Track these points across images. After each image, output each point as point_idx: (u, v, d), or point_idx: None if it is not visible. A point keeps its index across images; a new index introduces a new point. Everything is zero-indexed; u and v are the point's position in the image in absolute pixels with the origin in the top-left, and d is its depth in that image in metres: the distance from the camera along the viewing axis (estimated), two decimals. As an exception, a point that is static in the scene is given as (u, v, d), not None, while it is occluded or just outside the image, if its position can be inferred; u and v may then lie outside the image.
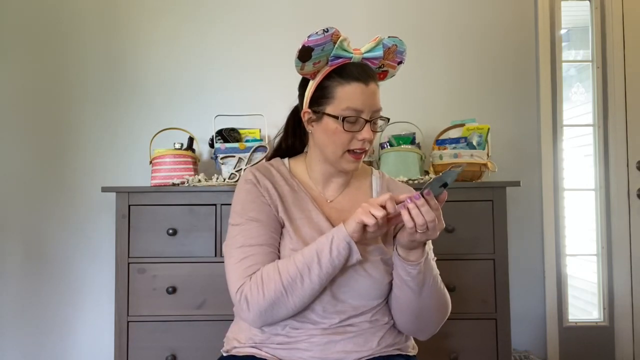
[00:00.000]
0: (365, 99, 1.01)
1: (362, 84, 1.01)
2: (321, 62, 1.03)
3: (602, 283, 2.29)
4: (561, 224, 2.27)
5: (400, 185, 1.20)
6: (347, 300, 1.02)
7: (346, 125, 1.00)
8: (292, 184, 1.10)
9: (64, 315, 2.17)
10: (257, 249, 1.00)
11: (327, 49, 1.01)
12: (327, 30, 1.00)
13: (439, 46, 2.28)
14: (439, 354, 1.78)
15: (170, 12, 2.24)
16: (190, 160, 1.92)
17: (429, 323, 1.07)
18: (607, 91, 2.30)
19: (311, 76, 1.06)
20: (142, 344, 1.75)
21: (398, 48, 1.08)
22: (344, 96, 1.01)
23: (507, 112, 2.27)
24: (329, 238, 0.94)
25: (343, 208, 1.11)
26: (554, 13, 2.30)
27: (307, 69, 1.04)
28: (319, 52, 1.00)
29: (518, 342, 2.21)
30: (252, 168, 1.12)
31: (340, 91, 1.01)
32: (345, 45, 1.02)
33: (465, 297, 1.78)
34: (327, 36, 1.00)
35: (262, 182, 1.08)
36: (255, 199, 1.05)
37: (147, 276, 1.76)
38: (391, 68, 1.11)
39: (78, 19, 2.23)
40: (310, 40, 0.99)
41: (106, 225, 2.15)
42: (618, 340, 2.26)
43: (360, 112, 1.00)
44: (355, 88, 1.01)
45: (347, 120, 1.00)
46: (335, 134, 1.02)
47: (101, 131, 2.21)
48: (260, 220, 1.03)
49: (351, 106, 1.00)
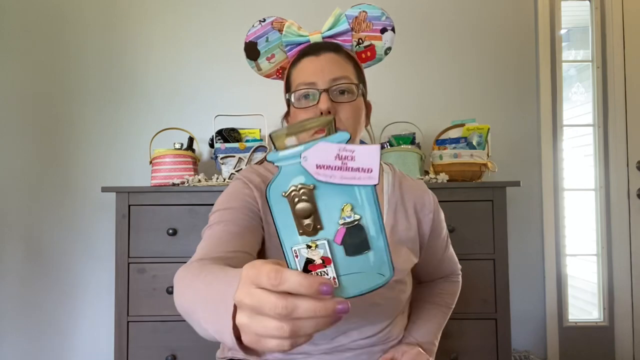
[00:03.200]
0: (315, 69, 0.90)
1: (312, 56, 0.92)
2: (277, 56, 0.97)
3: (602, 283, 2.29)
4: (561, 224, 2.27)
5: (415, 183, 1.05)
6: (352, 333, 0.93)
7: (298, 103, 0.90)
8: None
9: (64, 315, 2.17)
10: (219, 227, 0.86)
11: (273, 39, 0.96)
12: (264, 19, 0.96)
13: (439, 46, 2.28)
14: (439, 354, 1.77)
15: (170, 12, 2.25)
16: (190, 160, 1.92)
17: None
18: (607, 91, 2.30)
19: (278, 76, 1.01)
20: (142, 344, 1.75)
21: (369, 14, 0.97)
22: (296, 75, 0.93)
23: (507, 112, 2.27)
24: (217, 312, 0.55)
25: None
26: (554, 13, 2.30)
27: (264, 68, 0.98)
28: (264, 44, 0.95)
29: (518, 342, 2.21)
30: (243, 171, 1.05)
31: (294, 72, 0.94)
32: (294, 29, 0.95)
33: (465, 297, 1.77)
34: (266, 25, 0.96)
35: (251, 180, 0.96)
36: (238, 192, 0.94)
37: (147, 276, 1.76)
38: (376, 40, 0.98)
39: (78, 19, 2.23)
40: (249, 35, 0.95)
41: (106, 225, 2.16)
42: (618, 340, 2.26)
43: (313, 83, 0.89)
44: (305, 62, 0.92)
45: (296, 97, 0.91)
46: (295, 116, 0.92)
47: (101, 131, 2.21)
48: (233, 207, 0.90)
49: (301, 81, 0.90)
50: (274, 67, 0.98)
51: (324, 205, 0.44)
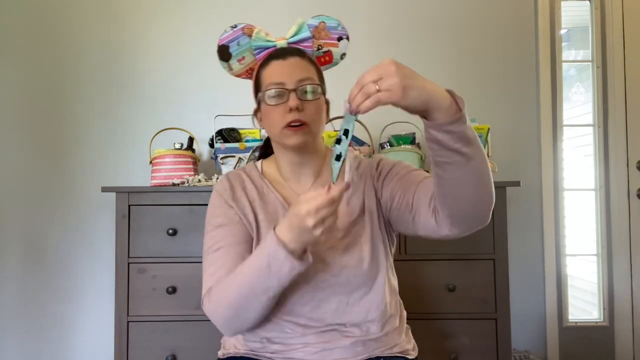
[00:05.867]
0: (284, 71, 1.00)
1: (280, 59, 1.02)
2: (247, 58, 1.09)
3: (602, 283, 2.29)
4: (561, 224, 2.27)
5: (370, 161, 1.13)
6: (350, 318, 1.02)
7: (270, 100, 1.00)
8: (262, 187, 1.09)
9: (64, 315, 2.17)
10: (221, 253, 0.99)
11: (244, 43, 1.07)
12: (236, 25, 1.07)
13: (438, 46, 2.28)
14: (439, 354, 1.78)
15: (170, 12, 2.24)
16: (190, 160, 1.92)
17: (488, 189, 0.88)
18: (607, 91, 2.30)
19: (248, 75, 1.12)
20: (142, 344, 1.75)
21: (327, 24, 1.10)
22: (266, 76, 1.02)
23: (507, 112, 2.27)
24: (263, 257, 0.88)
25: None
26: (554, 13, 2.30)
27: (235, 68, 1.10)
28: (235, 47, 1.07)
29: (518, 342, 2.21)
30: (224, 177, 1.13)
31: (264, 73, 1.03)
32: (262, 35, 1.07)
33: (465, 297, 1.78)
34: (237, 31, 1.07)
35: (230, 190, 1.07)
36: (222, 205, 1.05)
37: (147, 276, 1.76)
38: (333, 47, 1.12)
39: (78, 19, 2.23)
40: (222, 39, 1.07)
41: (106, 225, 2.15)
42: (618, 340, 2.26)
43: (282, 83, 0.99)
44: (274, 64, 1.02)
45: (268, 95, 1.00)
46: (268, 113, 1.02)
47: (101, 131, 2.21)
48: (224, 225, 1.02)
49: (271, 81, 1.00)
50: (244, 68, 1.10)
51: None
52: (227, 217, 1.03)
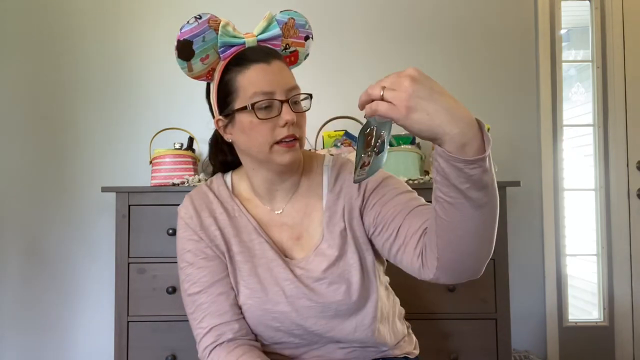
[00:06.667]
0: (271, 78, 0.87)
1: (263, 63, 0.88)
2: (210, 57, 0.92)
3: (602, 283, 2.29)
4: (561, 224, 2.27)
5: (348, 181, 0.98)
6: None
7: (260, 113, 0.86)
8: (232, 209, 0.97)
9: (64, 315, 2.17)
10: (202, 297, 0.92)
11: (209, 39, 0.91)
12: (200, 16, 0.91)
13: (438, 46, 2.28)
14: (439, 354, 1.78)
15: (170, 11, 2.24)
16: (190, 160, 1.92)
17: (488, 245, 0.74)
18: (607, 91, 2.30)
19: (207, 77, 0.95)
20: (142, 344, 1.75)
21: (297, 21, 0.96)
22: (247, 83, 0.87)
23: (507, 112, 2.27)
24: None
25: (294, 221, 0.96)
26: (554, 13, 2.30)
27: (196, 69, 0.93)
28: (200, 44, 0.90)
29: (518, 342, 2.21)
30: (188, 199, 0.99)
31: (242, 79, 0.88)
32: (230, 30, 0.92)
33: (465, 297, 1.78)
34: (203, 23, 0.91)
35: (197, 217, 0.96)
36: (190, 237, 0.95)
37: (147, 276, 1.76)
38: (299, 46, 0.99)
39: (78, 19, 2.23)
40: (185, 32, 0.90)
41: (106, 225, 2.15)
42: (618, 340, 2.26)
43: (272, 93, 0.86)
44: (257, 70, 0.87)
45: (258, 107, 0.86)
46: (253, 128, 0.87)
47: (101, 131, 2.21)
48: (197, 263, 0.93)
49: (258, 90, 0.86)
50: (206, 68, 0.93)
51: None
52: (199, 251, 0.94)
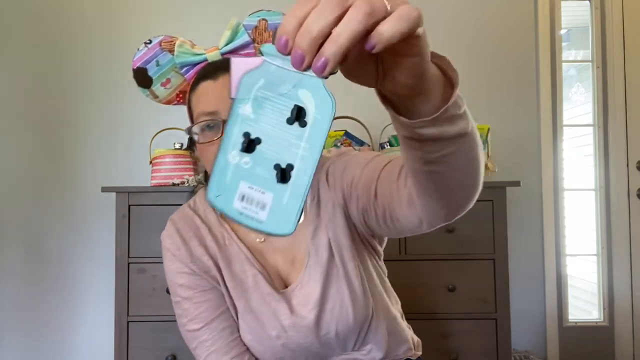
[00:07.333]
0: (215, 96, 0.79)
1: (209, 80, 0.81)
2: (173, 80, 0.87)
3: (602, 283, 2.29)
4: (561, 224, 2.27)
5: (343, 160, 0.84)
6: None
7: (202, 137, 0.79)
8: (222, 237, 0.88)
9: (64, 315, 2.17)
10: (205, 334, 0.86)
11: (164, 62, 0.85)
12: (150, 40, 0.85)
13: (438, 46, 2.25)
14: (439, 354, 1.78)
15: (170, 11, 2.24)
16: (190, 160, 1.92)
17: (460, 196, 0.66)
18: (607, 91, 2.30)
19: (179, 101, 0.89)
20: (142, 344, 1.75)
21: (270, 22, 0.87)
22: (195, 103, 0.82)
23: (507, 112, 2.27)
24: None
25: (283, 244, 0.87)
26: (554, 13, 2.30)
27: (161, 95, 0.87)
28: (155, 69, 0.86)
29: (518, 342, 2.21)
30: (172, 226, 0.89)
31: (192, 99, 0.83)
32: (187, 48, 0.86)
33: (465, 297, 1.78)
34: (153, 47, 0.86)
35: (185, 248, 0.86)
36: (181, 269, 0.86)
37: (147, 276, 1.76)
38: None
39: (78, 18, 2.23)
40: (136, 60, 0.84)
41: (106, 225, 2.15)
42: (618, 340, 2.26)
43: (214, 113, 0.78)
44: (203, 88, 0.81)
45: (201, 129, 0.79)
46: (202, 151, 0.82)
47: (101, 131, 2.21)
48: (193, 297, 0.85)
49: (201, 110, 0.80)
50: (172, 92, 0.88)
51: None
52: (194, 284, 0.85)
